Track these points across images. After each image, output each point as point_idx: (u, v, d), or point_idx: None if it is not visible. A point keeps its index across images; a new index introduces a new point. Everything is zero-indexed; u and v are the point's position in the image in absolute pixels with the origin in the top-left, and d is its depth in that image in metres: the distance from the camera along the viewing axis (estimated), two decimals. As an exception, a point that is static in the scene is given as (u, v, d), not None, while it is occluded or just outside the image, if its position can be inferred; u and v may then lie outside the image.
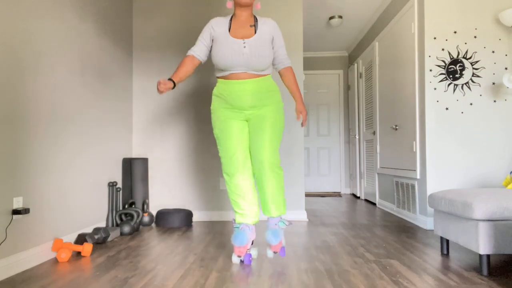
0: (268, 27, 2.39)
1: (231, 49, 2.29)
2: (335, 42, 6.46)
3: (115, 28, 3.72)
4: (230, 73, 2.35)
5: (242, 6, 2.33)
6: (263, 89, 2.37)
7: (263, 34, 2.36)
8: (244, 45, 2.29)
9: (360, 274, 2.18)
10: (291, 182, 4.07)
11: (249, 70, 2.33)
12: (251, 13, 2.39)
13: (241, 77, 2.34)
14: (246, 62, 2.30)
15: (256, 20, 2.40)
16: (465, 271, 2.23)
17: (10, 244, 2.23)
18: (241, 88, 2.33)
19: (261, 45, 2.32)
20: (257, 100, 2.36)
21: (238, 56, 2.28)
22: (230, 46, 2.30)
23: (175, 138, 4.12)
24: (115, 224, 3.37)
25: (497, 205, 2.12)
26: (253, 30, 2.35)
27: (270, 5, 4.11)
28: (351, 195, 6.53)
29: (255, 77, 2.35)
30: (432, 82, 3.52)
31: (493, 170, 3.47)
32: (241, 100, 2.35)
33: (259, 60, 2.30)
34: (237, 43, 2.30)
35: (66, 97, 2.83)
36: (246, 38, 2.32)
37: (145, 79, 4.14)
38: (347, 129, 6.96)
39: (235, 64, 2.30)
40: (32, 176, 2.44)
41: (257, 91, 2.36)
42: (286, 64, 2.50)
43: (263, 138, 2.37)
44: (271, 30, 2.39)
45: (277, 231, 2.43)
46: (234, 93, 2.35)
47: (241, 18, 2.38)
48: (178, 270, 2.29)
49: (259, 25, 2.38)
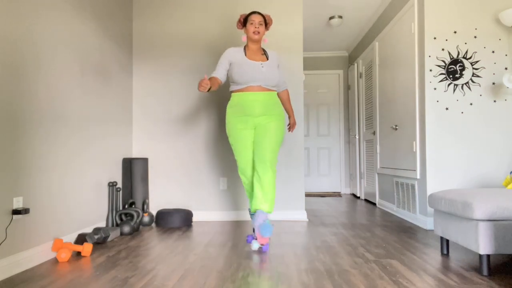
0: (275, 57, 3.06)
1: (252, 68, 2.89)
2: (335, 42, 6.46)
3: (115, 28, 3.72)
4: (247, 86, 2.92)
5: (254, 41, 2.98)
6: (271, 101, 2.94)
7: (273, 61, 3.03)
8: (262, 65, 2.93)
9: (360, 274, 2.18)
10: (291, 182, 4.07)
11: (263, 85, 2.91)
12: (260, 46, 3.05)
13: (255, 89, 2.92)
14: (264, 77, 2.90)
15: (264, 51, 3.08)
16: (465, 271, 2.23)
17: (10, 244, 2.23)
18: (254, 98, 2.90)
19: (273, 67, 2.98)
20: (266, 110, 2.92)
21: (258, 74, 2.89)
22: (250, 66, 2.90)
23: (175, 138, 4.12)
24: (115, 224, 3.37)
25: (497, 205, 2.12)
26: (265, 57, 3.03)
27: (271, 5, 4.12)
28: (351, 195, 6.53)
29: (266, 91, 2.93)
30: (432, 82, 3.52)
31: (493, 170, 3.47)
32: (253, 108, 2.90)
33: (272, 77, 2.93)
34: (256, 64, 2.92)
35: (66, 97, 2.83)
36: (262, 61, 2.97)
37: (145, 79, 4.14)
38: (347, 129, 6.96)
39: (254, 79, 2.89)
40: (32, 176, 2.44)
41: (266, 102, 2.92)
42: (284, 87, 3.21)
43: (267, 142, 2.88)
44: (277, 60, 3.07)
45: (269, 225, 2.70)
46: (249, 101, 2.90)
47: (253, 49, 3.02)
48: (178, 270, 2.29)
49: (269, 54, 3.06)
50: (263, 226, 2.67)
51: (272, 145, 2.87)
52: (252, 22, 2.95)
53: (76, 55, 2.99)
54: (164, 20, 4.16)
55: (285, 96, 3.23)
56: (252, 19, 2.95)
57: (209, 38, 4.14)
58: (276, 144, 2.90)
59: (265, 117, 2.92)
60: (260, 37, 2.97)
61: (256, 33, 2.94)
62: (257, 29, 2.93)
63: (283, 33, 4.11)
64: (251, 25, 2.95)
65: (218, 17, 4.15)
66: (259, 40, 2.99)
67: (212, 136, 4.10)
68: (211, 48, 4.14)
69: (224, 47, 4.13)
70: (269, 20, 3.08)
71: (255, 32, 2.94)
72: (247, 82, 2.89)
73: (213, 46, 4.14)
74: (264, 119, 2.92)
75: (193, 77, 4.13)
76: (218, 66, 2.99)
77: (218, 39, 4.14)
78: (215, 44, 4.14)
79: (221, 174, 4.09)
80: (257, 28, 2.94)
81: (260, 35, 2.96)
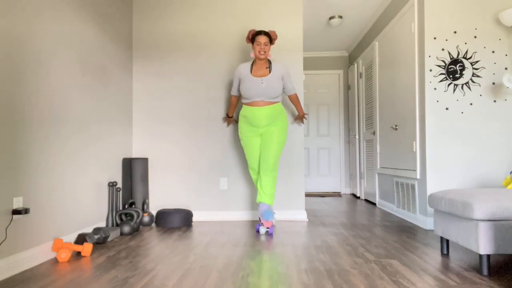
0: (279, 70, 3.42)
1: (254, 84, 3.36)
2: (335, 42, 6.46)
3: (115, 28, 3.72)
4: (252, 101, 3.41)
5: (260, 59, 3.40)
6: (275, 113, 3.42)
7: (275, 74, 3.41)
8: (262, 81, 3.36)
9: (360, 274, 2.18)
10: (291, 182, 4.07)
11: (265, 99, 3.37)
12: (266, 60, 3.44)
13: (260, 104, 3.40)
14: (264, 92, 3.35)
15: (270, 63, 3.45)
16: (465, 271, 2.23)
17: (10, 244, 2.23)
18: (259, 112, 3.40)
19: (273, 81, 3.37)
20: (270, 121, 3.42)
21: (260, 89, 3.35)
22: (252, 82, 3.36)
23: (175, 138, 4.12)
24: (115, 224, 3.37)
25: (497, 205, 2.12)
26: (268, 70, 3.42)
27: (271, 5, 4.12)
28: (351, 195, 6.53)
29: (269, 104, 3.41)
30: (432, 82, 3.52)
31: (493, 170, 3.47)
32: (259, 121, 3.41)
33: (272, 90, 3.36)
34: (257, 80, 3.36)
35: (66, 97, 2.83)
36: (263, 77, 3.38)
37: (145, 79, 4.14)
38: (347, 129, 6.96)
39: (256, 94, 3.36)
40: (32, 176, 2.44)
41: (271, 115, 3.40)
42: (292, 92, 3.57)
43: (271, 148, 3.42)
44: (281, 72, 3.43)
45: (270, 212, 3.34)
46: (255, 115, 3.41)
47: (259, 64, 3.44)
48: (178, 270, 2.29)
49: (273, 67, 3.43)
50: (265, 213, 3.32)
51: (275, 151, 3.42)
52: (259, 43, 3.33)
53: (76, 55, 2.99)
54: (164, 20, 4.16)
55: (294, 99, 3.64)
56: (259, 41, 3.33)
57: (209, 39, 4.14)
58: (279, 149, 3.44)
59: (270, 127, 3.44)
60: (266, 56, 3.37)
61: (261, 53, 3.34)
62: (262, 49, 3.33)
63: (283, 33, 4.11)
64: (258, 45, 3.34)
65: (218, 18, 4.15)
66: (265, 57, 3.39)
67: (212, 136, 4.10)
68: (211, 48, 4.14)
69: (224, 47, 4.13)
70: (274, 36, 3.40)
71: (260, 52, 3.34)
72: (252, 97, 3.38)
73: (213, 46, 4.14)
74: (268, 128, 3.44)
75: (193, 77, 4.13)
76: (233, 83, 3.57)
77: (218, 39, 4.14)
78: (215, 44, 4.14)
79: (221, 174, 4.09)
80: (262, 48, 3.33)
81: (266, 54, 3.36)
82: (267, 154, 3.41)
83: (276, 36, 3.40)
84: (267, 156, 3.41)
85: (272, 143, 3.41)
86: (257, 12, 4.12)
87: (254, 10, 4.12)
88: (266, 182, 3.42)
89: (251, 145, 3.51)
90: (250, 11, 4.13)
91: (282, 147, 3.46)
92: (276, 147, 3.41)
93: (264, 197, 3.44)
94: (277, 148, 3.42)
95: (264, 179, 3.42)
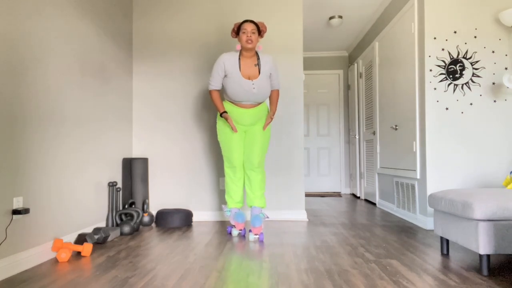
0: (268, 66, 3.13)
1: (244, 90, 3.05)
2: (335, 42, 6.46)
3: (115, 28, 3.72)
4: (238, 102, 3.13)
5: (248, 49, 3.05)
6: (260, 113, 3.20)
7: (265, 73, 3.12)
8: (253, 86, 3.05)
9: (360, 274, 2.18)
10: (291, 182, 4.07)
11: (254, 102, 3.14)
12: (254, 54, 3.12)
13: (247, 106, 3.15)
14: (254, 98, 3.10)
15: (258, 57, 3.15)
16: (465, 271, 2.23)
17: (10, 244, 2.23)
18: (244, 112, 3.15)
19: (264, 84, 3.10)
20: (254, 120, 3.19)
21: (250, 95, 3.07)
22: (243, 87, 3.04)
23: (175, 138, 4.12)
24: (115, 224, 3.37)
25: (497, 205, 2.12)
26: (257, 70, 3.11)
27: (270, 5, 4.12)
28: (351, 195, 6.53)
29: (255, 106, 3.17)
30: (432, 82, 3.52)
31: (493, 170, 3.47)
32: (244, 120, 3.16)
33: (263, 96, 3.13)
34: (248, 84, 3.05)
35: (66, 97, 2.83)
36: (254, 79, 3.08)
37: (145, 79, 4.14)
38: (347, 129, 6.96)
39: (246, 99, 3.10)
40: (32, 176, 2.44)
41: (255, 115, 3.17)
42: (275, 87, 3.28)
43: (256, 146, 3.20)
44: (270, 68, 3.15)
45: (259, 217, 3.11)
46: (240, 114, 3.15)
47: (247, 57, 3.11)
48: (178, 270, 2.29)
49: (262, 65, 3.13)
50: (255, 218, 3.10)
51: (260, 149, 3.20)
52: (245, 31, 3.02)
53: (76, 54, 2.99)
54: (165, 20, 4.16)
55: (274, 96, 3.29)
56: (245, 28, 3.02)
57: (210, 39, 4.14)
58: (264, 148, 3.23)
59: (254, 125, 3.21)
60: (254, 46, 3.02)
61: (249, 42, 2.99)
62: (249, 38, 2.99)
63: (283, 33, 4.11)
64: (244, 34, 3.02)
65: (218, 18, 4.15)
66: (253, 48, 3.05)
67: (212, 136, 4.10)
68: (211, 49, 4.14)
69: (224, 47, 4.13)
70: (262, 28, 3.10)
71: (247, 41, 2.99)
72: (240, 101, 3.12)
73: (213, 47, 4.14)
74: (253, 127, 3.22)
75: (193, 77, 4.13)
76: (214, 75, 3.11)
77: (218, 40, 4.14)
78: (215, 44, 4.14)
79: (221, 174, 4.09)
80: (249, 36, 2.99)
81: (253, 44, 3.01)
82: (253, 153, 3.19)
83: (265, 28, 3.11)
84: (253, 154, 3.18)
85: (257, 141, 3.19)
86: (257, 12, 4.12)
87: (254, 10, 4.12)
88: (255, 181, 3.20)
89: (233, 139, 3.19)
90: (251, 11, 4.13)
91: (267, 143, 3.26)
92: (261, 145, 3.20)
93: (254, 200, 3.22)
94: (262, 145, 3.21)
95: (253, 177, 3.20)
